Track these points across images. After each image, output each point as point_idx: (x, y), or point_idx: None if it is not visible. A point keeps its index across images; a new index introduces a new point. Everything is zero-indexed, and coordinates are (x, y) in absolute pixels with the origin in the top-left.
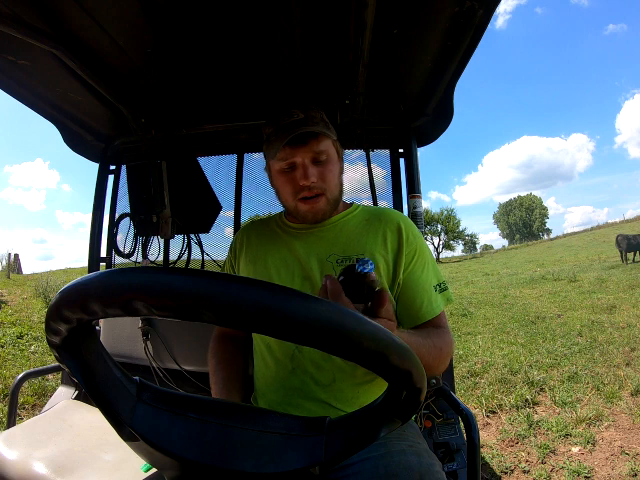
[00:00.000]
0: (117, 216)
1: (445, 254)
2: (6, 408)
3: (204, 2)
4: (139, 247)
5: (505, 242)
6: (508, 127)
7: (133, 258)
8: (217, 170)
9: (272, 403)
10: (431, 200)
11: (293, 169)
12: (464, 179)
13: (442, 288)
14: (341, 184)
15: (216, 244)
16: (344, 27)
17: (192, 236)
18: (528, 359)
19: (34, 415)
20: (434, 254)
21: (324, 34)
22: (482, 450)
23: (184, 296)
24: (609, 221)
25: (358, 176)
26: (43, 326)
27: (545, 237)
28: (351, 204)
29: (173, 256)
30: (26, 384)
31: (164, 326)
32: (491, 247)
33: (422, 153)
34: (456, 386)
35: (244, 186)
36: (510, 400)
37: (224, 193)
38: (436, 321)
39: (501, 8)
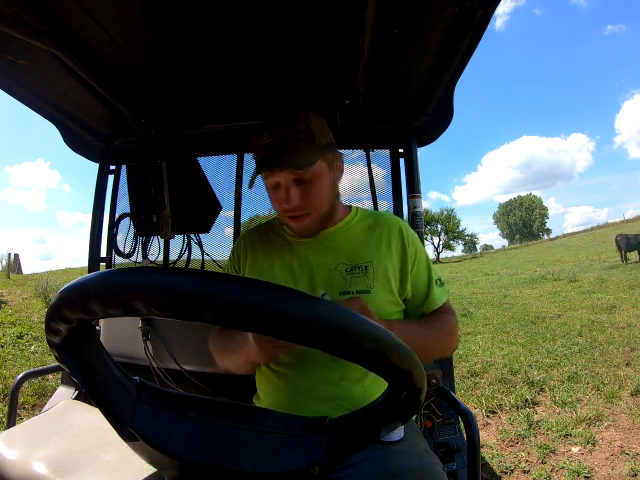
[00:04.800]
0: (117, 216)
1: (445, 254)
2: (6, 408)
3: (204, 2)
4: (139, 247)
5: (505, 242)
6: (507, 127)
7: (133, 258)
8: (217, 170)
9: (278, 403)
10: (431, 200)
11: (279, 187)
12: (464, 179)
13: (441, 283)
14: (335, 194)
15: (216, 244)
16: (344, 27)
17: (192, 236)
18: (528, 359)
19: (34, 415)
20: (434, 254)
21: (324, 34)
22: (482, 450)
23: (184, 296)
24: (609, 221)
25: (358, 176)
26: (43, 326)
27: (545, 237)
28: (349, 207)
29: (173, 256)
30: (26, 384)
31: (164, 326)
32: (491, 247)
33: (422, 153)
34: (456, 386)
35: (244, 186)
36: (510, 400)
37: (224, 193)
38: (440, 308)
39: (499, 9)
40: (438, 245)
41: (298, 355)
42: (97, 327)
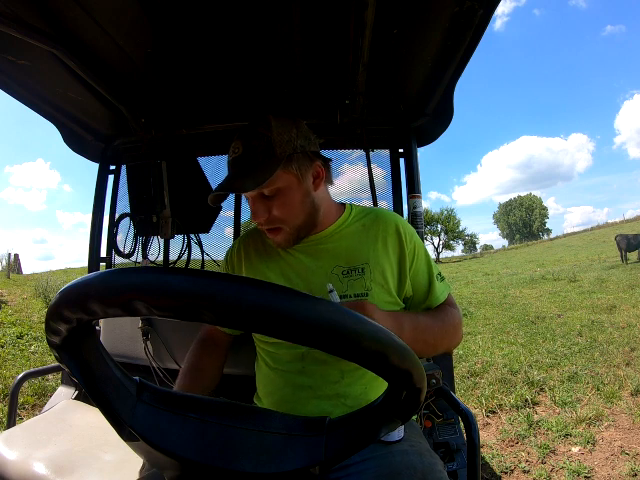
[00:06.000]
0: (117, 216)
1: (445, 254)
2: (6, 408)
3: (204, 2)
4: (139, 247)
5: (505, 242)
6: (507, 127)
7: (133, 258)
8: (217, 170)
9: (279, 403)
10: (431, 200)
11: (249, 200)
12: (463, 179)
13: (441, 277)
14: (312, 205)
15: (216, 244)
16: (344, 27)
17: (192, 236)
18: (528, 359)
19: (34, 415)
20: (434, 254)
21: (324, 34)
22: (482, 450)
23: (184, 296)
24: (609, 221)
25: (358, 176)
26: (43, 326)
27: (545, 237)
28: (343, 206)
29: (173, 256)
30: (26, 384)
31: (164, 326)
32: (491, 247)
33: (422, 153)
34: (456, 386)
35: None
36: (510, 400)
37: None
38: (444, 302)
39: (499, 10)
40: (438, 245)
41: (299, 354)
42: (97, 327)
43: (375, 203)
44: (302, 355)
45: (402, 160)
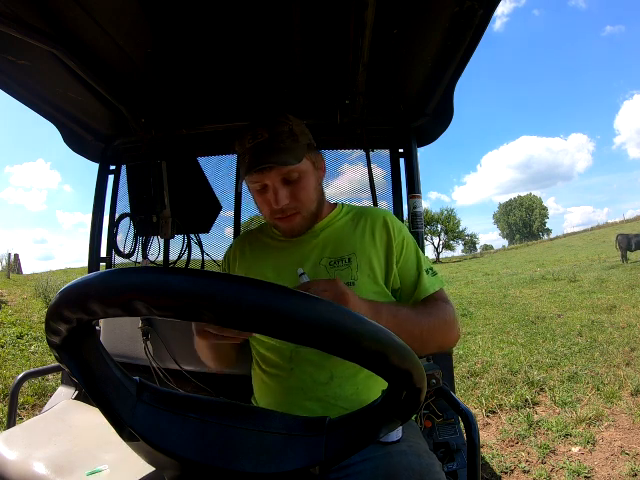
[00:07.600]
0: (117, 216)
1: (445, 254)
2: (6, 408)
3: (204, 2)
4: (139, 247)
5: (505, 242)
6: (506, 127)
7: (133, 258)
8: (217, 170)
9: (272, 404)
10: (431, 200)
11: (266, 190)
12: (463, 179)
13: (433, 272)
14: (320, 193)
15: (216, 244)
16: (344, 27)
17: (192, 236)
18: (528, 359)
19: (34, 415)
20: (434, 254)
21: (324, 34)
22: (482, 450)
23: (184, 296)
24: (609, 221)
25: (358, 176)
26: (43, 326)
27: (545, 237)
28: (335, 204)
29: (173, 256)
30: (26, 384)
31: (164, 326)
32: (491, 247)
33: (422, 153)
34: (456, 386)
35: (244, 186)
36: (510, 400)
37: (224, 193)
38: (434, 295)
39: (498, 10)
40: (438, 245)
41: (287, 356)
42: (97, 327)
43: (375, 203)
44: (290, 356)
45: (402, 160)
